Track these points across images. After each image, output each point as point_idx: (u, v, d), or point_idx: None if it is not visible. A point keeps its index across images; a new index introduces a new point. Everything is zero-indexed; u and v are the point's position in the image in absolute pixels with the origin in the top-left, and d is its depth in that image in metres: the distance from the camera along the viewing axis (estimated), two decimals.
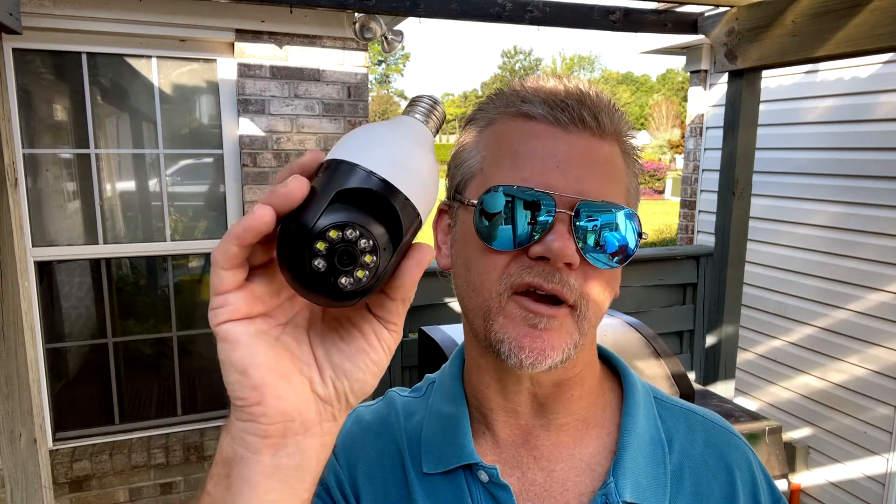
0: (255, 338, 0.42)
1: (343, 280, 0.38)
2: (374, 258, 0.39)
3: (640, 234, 0.62)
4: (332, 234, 0.38)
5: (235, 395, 0.42)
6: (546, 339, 0.59)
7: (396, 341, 0.46)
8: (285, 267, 0.39)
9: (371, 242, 0.38)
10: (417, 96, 0.48)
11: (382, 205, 0.39)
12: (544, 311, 0.58)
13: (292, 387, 0.43)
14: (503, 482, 0.63)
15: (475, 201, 0.61)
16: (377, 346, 0.45)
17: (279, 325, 0.44)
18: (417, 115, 0.46)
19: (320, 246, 0.38)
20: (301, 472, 0.44)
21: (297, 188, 0.38)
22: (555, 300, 0.59)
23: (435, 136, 0.47)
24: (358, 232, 0.38)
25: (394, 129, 0.44)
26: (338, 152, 0.41)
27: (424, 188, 0.42)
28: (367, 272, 0.39)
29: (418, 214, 0.42)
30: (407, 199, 0.40)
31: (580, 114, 0.60)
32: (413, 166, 0.42)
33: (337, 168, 0.40)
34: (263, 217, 0.38)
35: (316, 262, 0.38)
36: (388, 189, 0.39)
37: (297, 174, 0.40)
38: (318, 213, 0.38)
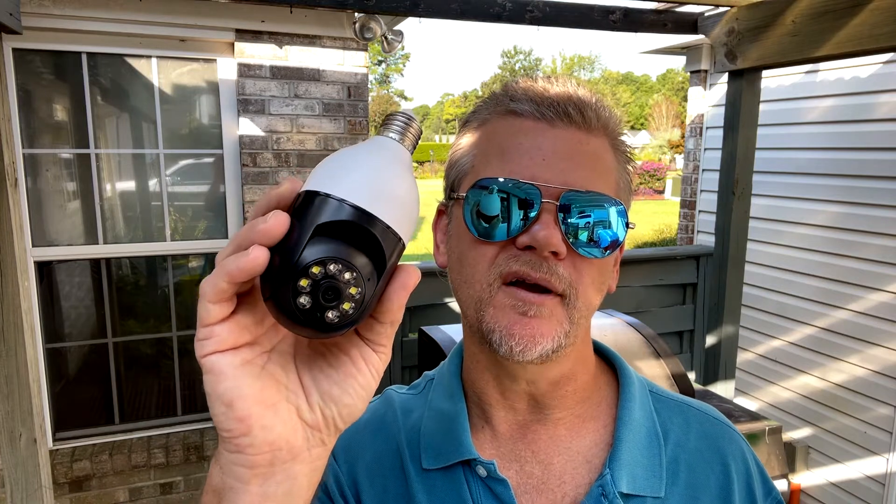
0: (240, 369, 0.41)
1: (330, 314, 0.38)
2: (360, 289, 0.38)
3: (627, 225, 0.63)
4: (315, 270, 0.37)
5: (222, 427, 0.42)
6: (535, 326, 0.60)
7: (385, 363, 0.46)
8: (271, 304, 0.39)
9: (355, 274, 0.38)
10: (391, 114, 0.47)
11: (362, 234, 0.39)
12: (533, 299, 0.60)
13: (279, 416, 0.43)
14: (501, 476, 0.64)
15: (464, 194, 0.63)
16: (365, 369, 0.45)
17: (264, 352, 0.44)
18: (392, 134, 0.45)
19: (304, 283, 0.37)
20: (291, 497, 0.44)
21: (276, 225, 0.38)
22: (544, 289, 0.60)
23: (412, 152, 0.46)
24: (341, 265, 0.38)
25: (368, 152, 0.43)
26: (313, 182, 0.40)
27: (403, 209, 0.42)
28: (354, 304, 0.38)
29: (400, 238, 0.41)
30: (386, 225, 0.40)
31: (565, 109, 0.62)
32: (390, 189, 0.41)
33: (313, 200, 0.39)
34: (259, 259, 0.37)
35: (301, 300, 0.37)
36: (365, 218, 0.39)
37: (276, 207, 0.40)
38: (300, 249, 0.38)
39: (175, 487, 3.21)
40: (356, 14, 3.15)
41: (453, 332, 2.44)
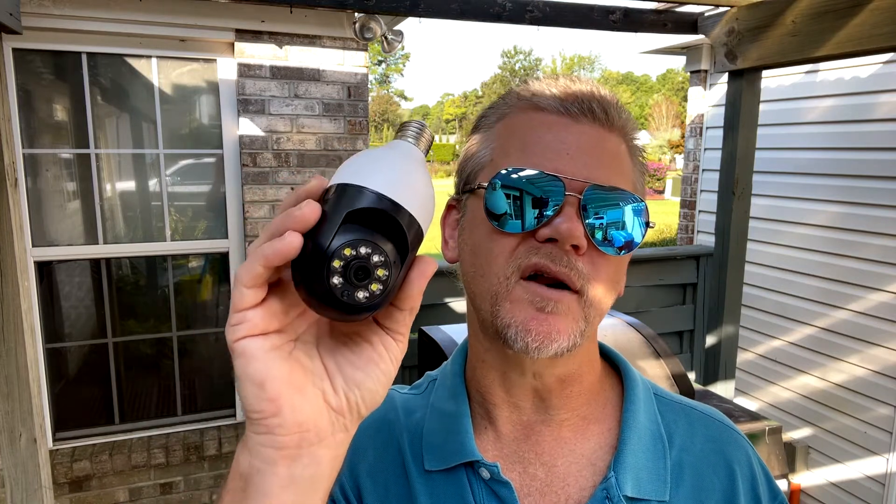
0: (270, 353, 0.43)
1: (359, 294, 0.41)
2: (386, 272, 0.41)
3: (647, 224, 0.63)
4: (347, 251, 0.40)
5: (252, 409, 0.43)
6: (553, 322, 0.59)
7: (403, 351, 0.48)
8: (303, 286, 0.41)
9: (383, 257, 0.41)
10: (406, 122, 0.50)
11: (389, 222, 0.42)
12: (551, 296, 0.59)
13: (306, 399, 0.44)
14: (504, 479, 0.64)
15: (485, 184, 0.62)
16: (385, 356, 0.47)
17: (291, 340, 0.45)
18: (409, 139, 0.49)
19: (336, 264, 0.40)
20: (315, 482, 0.45)
21: (310, 212, 0.40)
22: (561, 285, 0.60)
23: (426, 155, 0.50)
24: (370, 248, 0.40)
25: (391, 152, 0.46)
26: (342, 177, 0.43)
27: (423, 205, 0.45)
28: (381, 285, 0.41)
29: (421, 229, 0.44)
30: (411, 215, 0.43)
31: (590, 105, 0.62)
32: (413, 185, 0.45)
33: (344, 191, 0.42)
34: (294, 243, 0.39)
35: (334, 279, 0.40)
36: (394, 207, 0.42)
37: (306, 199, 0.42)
38: (332, 233, 0.40)
39: (175, 487, 3.21)
40: (356, 14, 3.15)
41: (453, 332, 2.44)
